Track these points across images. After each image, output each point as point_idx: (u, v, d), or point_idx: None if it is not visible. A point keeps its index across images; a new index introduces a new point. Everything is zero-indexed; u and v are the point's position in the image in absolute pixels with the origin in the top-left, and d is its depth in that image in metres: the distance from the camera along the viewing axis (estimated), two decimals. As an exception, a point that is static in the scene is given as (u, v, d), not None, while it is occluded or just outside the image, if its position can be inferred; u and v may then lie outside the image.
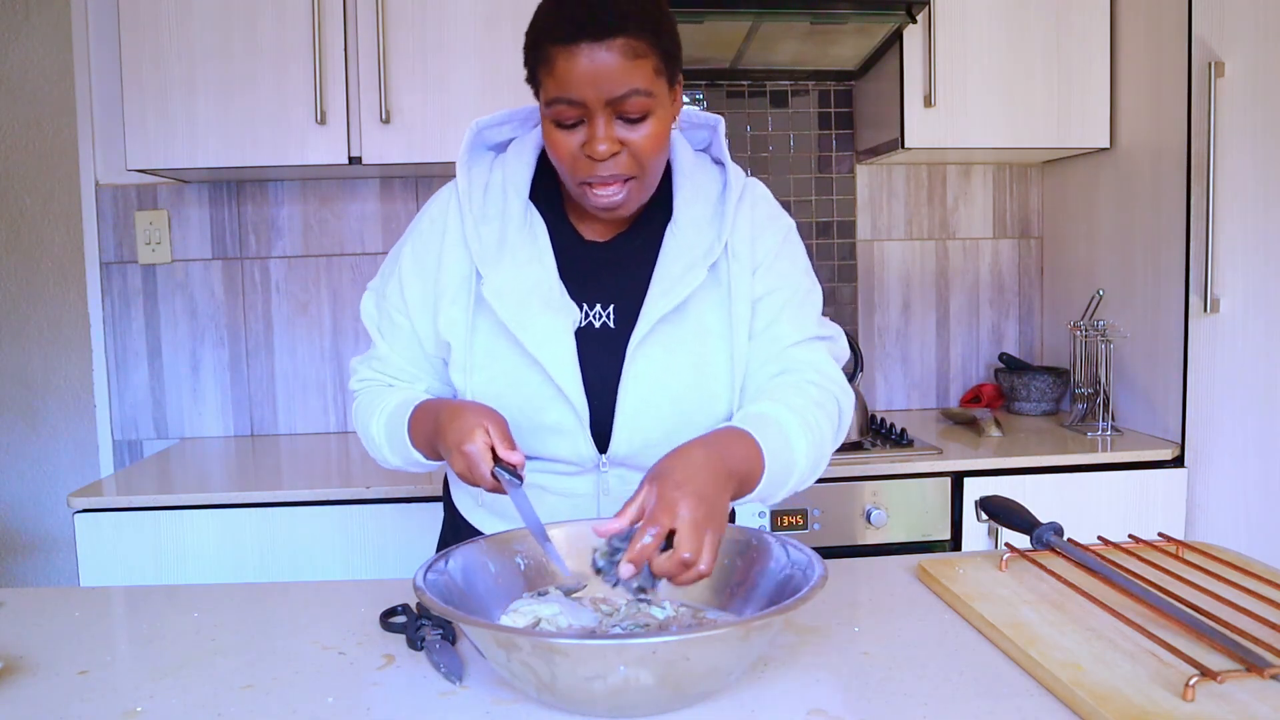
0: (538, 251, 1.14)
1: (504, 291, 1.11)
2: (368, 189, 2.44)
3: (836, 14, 2.11)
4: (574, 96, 1.01)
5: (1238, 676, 0.81)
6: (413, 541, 1.87)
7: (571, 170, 1.07)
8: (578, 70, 1.00)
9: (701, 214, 1.15)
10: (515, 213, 1.15)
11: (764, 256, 1.16)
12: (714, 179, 1.19)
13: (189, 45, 2.05)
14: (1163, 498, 2.04)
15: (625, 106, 1.02)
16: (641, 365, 1.11)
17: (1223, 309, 2.00)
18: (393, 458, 1.20)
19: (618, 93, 1.01)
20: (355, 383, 1.27)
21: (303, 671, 0.94)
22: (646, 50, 1.01)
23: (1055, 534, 1.17)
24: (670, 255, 1.13)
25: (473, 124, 1.19)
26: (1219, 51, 1.96)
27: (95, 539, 1.83)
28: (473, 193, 1.17)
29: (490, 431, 1.02)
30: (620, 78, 1.00)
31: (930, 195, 2.61)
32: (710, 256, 1.12)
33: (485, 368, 1.13)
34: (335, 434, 2.46)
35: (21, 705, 0.88)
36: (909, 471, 1.99)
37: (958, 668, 0.92)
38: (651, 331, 1.11)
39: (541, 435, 1.13)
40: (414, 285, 1.18)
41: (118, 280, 2.41)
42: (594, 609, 0.98)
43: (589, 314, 1.14)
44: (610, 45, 0.99)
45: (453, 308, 1.14)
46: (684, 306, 1.12)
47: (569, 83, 1.01)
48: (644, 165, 1.06)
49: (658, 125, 1.05)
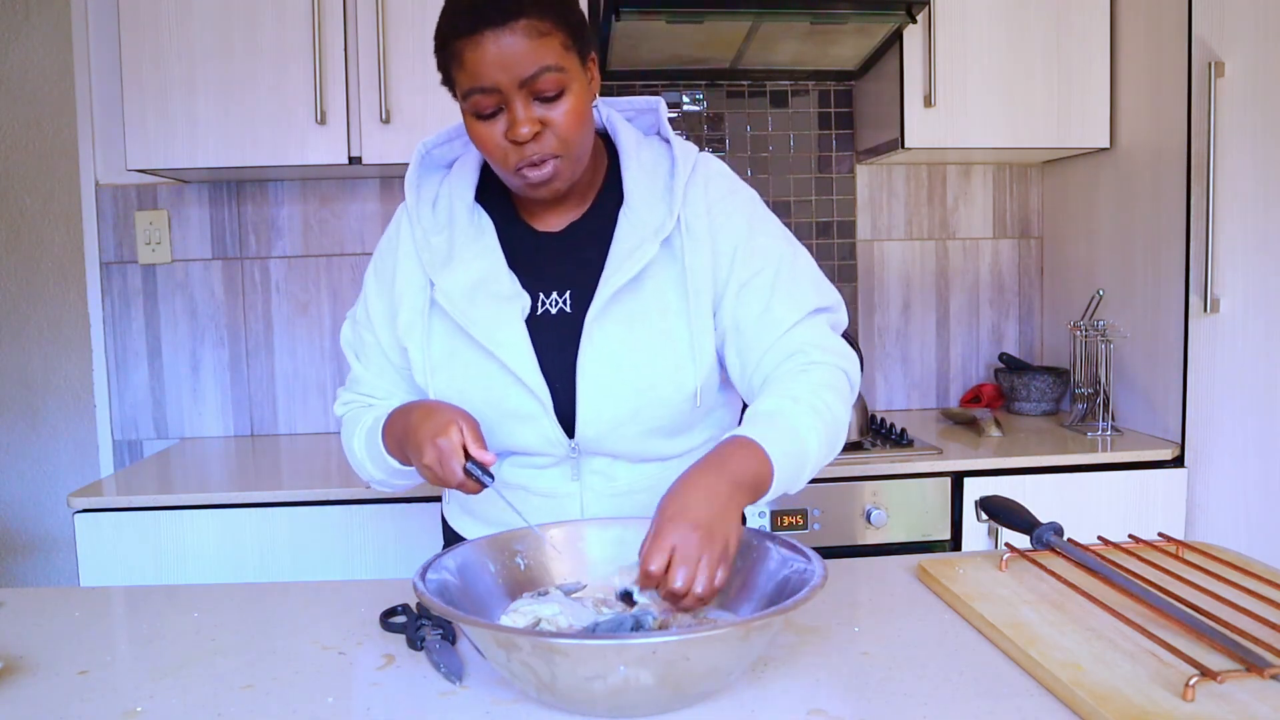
0: (483, 248, 1.16)
1: (453, 292, 1.13)
2: (368, 189, 2.44)
3: (836, 14, 2.10)
4: (486, 84, 1.03)
5: (1238, 676, 0.81)
6: (413, 541, 1.87)
7: (501, 160, 1.08)
8: (486, 58, 1.01)
9: (652, 191, 1.15)
10: (461, 217, 1.17)
11: (735, 237, 1.15)
12: (663, 157, 1.19)
13: (189, 45, 2.05)
14: (1163, 498, 2.04)
15: (538, 85, 1.03)
16: (599, 342, 1.12)
17: (1223, 309, 2.00)
18: (375, 471, 1.21)
19: (528, 72, 1.02)
20: (339, 407, 1.30)
21: (303, 671, 0.94)
22: (551, 28, 1.03)
23: (1055, 534, 1.17)
24: (624, 234, 1.14)
25: (419, 144, 1.22)
26: (1219, 51, 1.96)
27: (95, 539, 1.83)
28: (420, 208, 1.19)
29: (464, 430, 1.03)
30: (528, 57, 1.02)
31: (930, 195, 2.61)
32: (662, 232, 1.12)
33: (444, 367, 1.14)
34: (335, 434, 2.46)
35: (21, 705, 0.88)
36: (909, 471, 1.99)
37: (958, 668, 0.92)
38: (607, 308, 1.11)
39: (508, 426, 1.14)
40: (376, 303, 1.21)
41: (118, 280, 2.41)
42: (594, 609, 0.98)
43: (544, 302, 1.15)
44: (513, 28, 1.01)
45: (408, 314, 1.16)
46: (640, 283, 1.12)
47: (479, 72, 1.02)
48: (568, 141, 1.07)
49: (575, 100, 1.06)
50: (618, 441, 1.14)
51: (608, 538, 1.07)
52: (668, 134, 1.20)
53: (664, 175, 1.17)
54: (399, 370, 1.22)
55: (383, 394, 1.24)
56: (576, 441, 1.14)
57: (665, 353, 1.12)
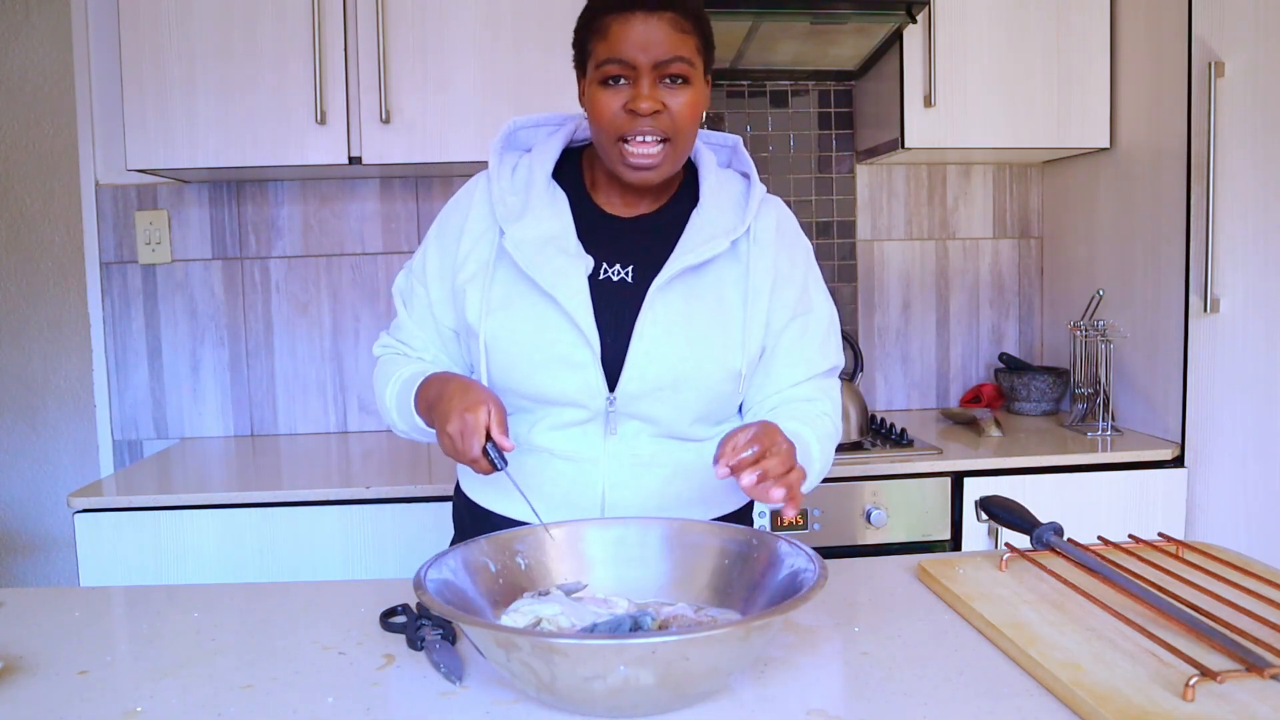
0: (556, 212, 1.21)
1: (522, 242, 1.18)
2: (368, 189, 2.44)
3: (836, 14, 2.11)
4: (624, 57, 1.12)
5: (1238, 676, 0.81)
6: (413, 541, 1.87)
7: (612, 127, 1.14)
8: (631, 35, 1.11)
9: (726, 201, 1.24)
10: (539, 184, 1.22)
11: (797, 272, 1.25)
12: (737, 183, 1.27)
13: (189, 45, 2.05)
14: (1163, 498, 2.04)
15: (670, 69, 1.12)
16: (660, 310, 1.17)
17: (1223, 309, 2.00)
18: (400, 422, 1.25)
19: (665, 57, 1.11)
20: (378, 348, 1.35)
21: (303, 671, 0.94)
22: (690, 29, 1.14)
23: (1055, 534, 1.18)
24: (695, 227, 1.20)
25: (510, 120, 1.28)
26: (1219, 51, 1.96)
27: (95, 539, 1.83)
28: (501, 169, 1.25)
29: (491, 413, 1.07)
30: (668, 44, 1.12)
31: (930, 195, 2.61)
32: (733, 234, 1.20)
33: (502, 309, 1.18)
34: (335, 434, 2.46)
35: (21, 705, 0.88)
36: (909, 471, 1.99)
37: (958, 668, 0.92)
38: (671, 283, 1.17)
39: (553, 369, 1.17)
40: (435, 258, 1.26)
41: (118, 280, 2.41)
42: (595, 609, 0.98)
43: (607, 270, 1.20)
44: (661, 17, 1.12)
45: (473, 262, 1.21)
46: (704, 272, 1.19)
47: (621, 45, 1.12)
48: (680, 129, 1.15)
49: (694, 96, 1.15)
50: (654, 405, 1.18)
51: (608, 537, 1.07)
52: (747, 168, 1.28)
53: (737, 195, 1.25)
54: (439, 327, 1.27)
55: (419, 345, 1.29)
56: (615, 396, 1.17)
57: (717, 334, 1.18)
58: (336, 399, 2.47)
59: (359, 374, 2.47)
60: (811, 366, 1.24)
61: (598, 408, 1.18)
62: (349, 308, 2.45)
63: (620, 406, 1.17)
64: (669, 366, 1.16)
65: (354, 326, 2.46)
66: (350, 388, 2.47)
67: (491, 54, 2.10)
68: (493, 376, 1.20)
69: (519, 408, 1.21)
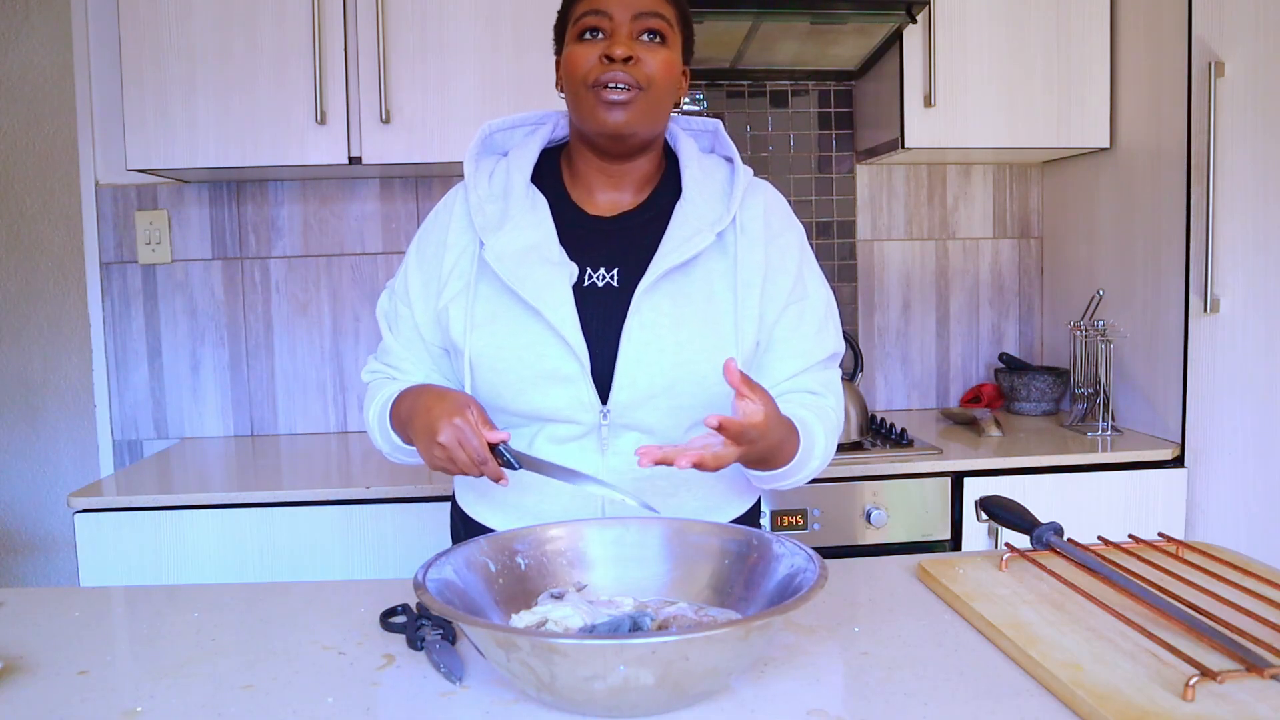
0: (536, 220, 1.19)
1: (504, 254, 1.15)
2: (368, 189, 2.44)
3: (836, 14, 2.11)
4: (602, 7, 1.13)
5: (1238, 676, 0.81)
6: (413, 541, 1.87)
7: (585, 75, 1.14)
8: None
9: (710, 192, 1.21)
10: (517, 191, 1.20)
11: (789, 260, 1.22)
12: (720, 168, 1.25)
13: (189, 45, 2.05)
14: (1163, 498, 2.04)
15: (648, 24, 1.14)
16: (647, 314, 1.14)
17: (1223, 309, 2.00)
18: (383, 444, 1.23)
19: (644, 8, 1.13)
20: (366, 374, 1.32)
21: (302, 671, 0.94)
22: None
23: (1055, 534, 1.17)
24: (679, 222, 1.18)
25: (484, 125, 1.25)
26: (1219, 51, 1.96)
27: (95, 539, 1.83)
28: (478, 177, 1.22)
29: (476, 413, 1.06)
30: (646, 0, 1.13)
31: (930, 195, 2.61)
32: (718, 225, 1.17)
33: (486, 325, 1.16)
34: (335, 434, 2.46)
35: (21, 705, 0.88)
36: (909, 471, 1.99)
37: (958, 668, 0.92)
38: (657, 284, 1.15)
39: (543, 386, 1.14)
40: (416, 274, 1.23)
41: (118, 280, 2.41)
42: (608, 611, 0.98)
43: (592, 276, 1.17)
44: None
45: (455, 278, 1.18)
46: (691, 269, 1.16)
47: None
48: (654, 82, 1.14)
49: (670, 57, 1.16)
50: (649, 414, 1.15)
51: (608, 537, 1.07)
52: (729, 152, 1.25)
53: (721, 182, 1.23)
54: (428, 346, 1.24)
55: (408, 367, 1.26)
56: (609, 408, 1.14)
57: (708, 333, 1.15)
58: (336, 399, 2.47)
59: (359, 374, 2.46)
60: (809, 356, 1.22)
61: (591, 422, 1.15)
62: (349, 308, 2.45)
63: (615, 418, 1.15)
64: (660, 372, 1.13)
65: (354, 326, 2.46)
66: (350, 388, 2.47)
67: (491, 54, 2.10)
68: (481, 394, 1.16)
69: (511, 425, 1.18)
